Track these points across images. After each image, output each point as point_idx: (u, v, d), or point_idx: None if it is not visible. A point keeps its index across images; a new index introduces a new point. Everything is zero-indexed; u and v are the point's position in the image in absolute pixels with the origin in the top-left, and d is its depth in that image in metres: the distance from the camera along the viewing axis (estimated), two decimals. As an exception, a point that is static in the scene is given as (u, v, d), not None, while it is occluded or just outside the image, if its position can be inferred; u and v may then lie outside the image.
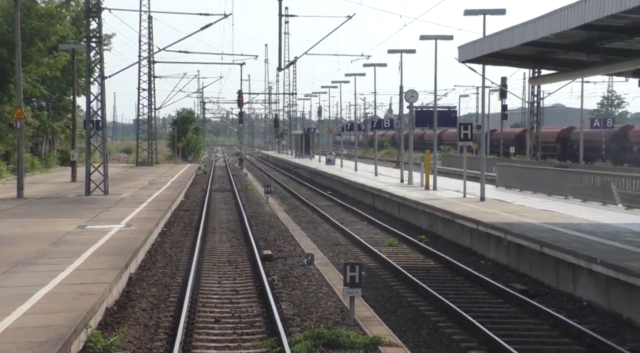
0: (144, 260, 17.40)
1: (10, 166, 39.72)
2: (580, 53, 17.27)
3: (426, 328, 12.54)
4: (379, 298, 14.77)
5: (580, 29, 14.60)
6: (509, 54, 19.22)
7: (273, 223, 25.99)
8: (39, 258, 14.21)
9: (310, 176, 54.51)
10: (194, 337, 11.60)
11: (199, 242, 20.62)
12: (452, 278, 16.84)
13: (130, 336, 11.19)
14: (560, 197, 25.92)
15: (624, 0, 12.40)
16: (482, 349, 11.24)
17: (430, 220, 24.62)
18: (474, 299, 14.60)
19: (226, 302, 14.07)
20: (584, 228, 17.65)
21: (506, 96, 63.03)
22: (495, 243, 18.74)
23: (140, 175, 44.90)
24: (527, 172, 30.31)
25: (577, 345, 11.42)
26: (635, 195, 22.45)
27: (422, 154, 34.33)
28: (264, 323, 12.40)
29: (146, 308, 13.18)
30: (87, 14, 28.35)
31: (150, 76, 60.53)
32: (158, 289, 14.86)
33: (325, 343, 10.77)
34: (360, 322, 11.92)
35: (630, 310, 12.51)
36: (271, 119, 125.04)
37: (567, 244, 15.10)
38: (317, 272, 16.53)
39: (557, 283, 15.22)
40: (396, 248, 21.07)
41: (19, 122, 27.47)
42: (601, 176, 24.58)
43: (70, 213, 22.64)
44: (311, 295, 14.18)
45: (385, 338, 10.90)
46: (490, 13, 24.69)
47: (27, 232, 18.13)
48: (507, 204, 24.25)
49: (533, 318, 13.02)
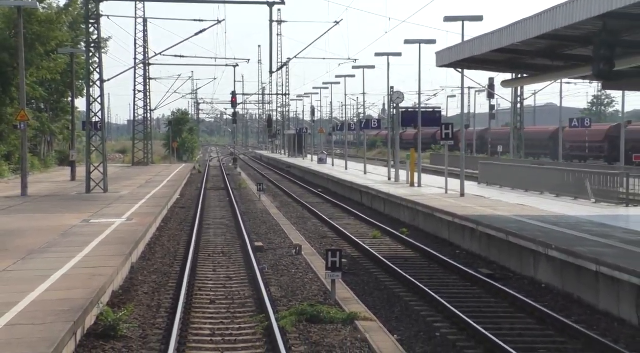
0: (144, 252, 18.86)
1: (12, 166, 41.10)
2: (545, 59, 18.80)
3: (399, 307, 14.06)
4: (359, 283, 16.27)
5: (539, 39, 16.12)
6: (482, 59, 20.73)
7: (265, 218, 27.44)
8: (51, 247, 15.71)
9: (302, 175, 56.01)
10: (192, 315, 13.06)
11: (194, 235, 22.04)
12: (428, 265, 18.36)
13: (136, 314, 12.65)
14: (537, 193, 27.44)
15: (573, 13, 13.92)
16: (445, 322, 12.76)
17: (412, 214, 26.14)
18: (445, 283, 16.11)
19: (220, 287, 15.52)
20: (548, 219, 19.19)
21: (494, 97, 64.69)
22: (469, 234, 20.27)
23: (136, 175, 46.35)
24: (506, 170, 31.85)
25: (529, 318, 12.95)
26: (607, 190, 23.97)
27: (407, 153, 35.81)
28: (254, 303, 13.86)
29: (148, 292, 14.63)
30: (86, 21, 29.75)
31: (146, 78, 61.98)
32: (158, 276, 16.30)
33: (308, 318, 12.24)
34: (341, 301, 13.38)
35: (580, 289, 14.04)
36: (265, 119, 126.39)
37: (529, 233, 16.64)
38: (304, 261, 18.00)
39: (521, 269, 16.75)
40: (379, 240, 22.58)
41: (23, 123, 28.88)
42: (573, 173, 26.14)
43: (74, 209, 24.11)
44: (298, 281, 15.65)
45: (361, 314, 12.38)
46: (468, 19, 26.17)
47: (36, 225, 19.61)
48: (485, 199, 25.78)
49: (495, 298, 14.55)
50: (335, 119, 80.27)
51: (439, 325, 12.67)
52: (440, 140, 28.89)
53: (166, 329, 11.83)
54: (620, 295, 12.63)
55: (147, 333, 11.62)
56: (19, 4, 28.60)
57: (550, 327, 12.25)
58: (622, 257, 13.32)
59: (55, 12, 39.40)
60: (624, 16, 13.34)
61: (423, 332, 12.29)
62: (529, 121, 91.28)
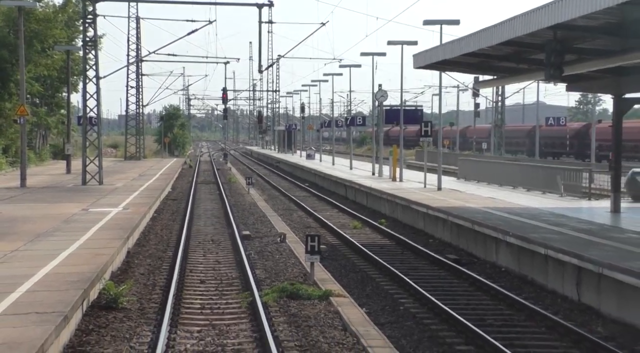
0: (139, 239, 20.34)
1: (9, 159, 42.48)
2: (510, 62, 20.38)
3: (370, 286, 15.62)
4: (336, 266, 17.82)
5: (503, 45, 17.68)
6: (455, 62, 22.25)
7: (253, 210, 28.94)
8: (55, 232, 17.21)
9: (291, 170, 57.54)
10: (184, 292, 14.56)
11: (186, 225, 23.52)
12: (401, 252, 19.93)
13: (134, 290, 14.14)
14: (510, 188, 29.05)
15: (529, 23, 15.48)
16: (410, 299, 14.33)
17: (392, 207, 27.72)
18: (415, 267, 17.69)
19: (210, 269, 17.03)
20: (514, 211, 20.79)
21: (479, 95, 66.32)
22: (441, 224, 21.86)
23: (129, 169, 47.78)
24: (482, 166, 33.46)
25: (484, 296, 14.54)
26: (574, 185, 25.57)
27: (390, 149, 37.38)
28: (240, 283, 15.38)
29: (144, 273, 16.12)
30: (83, 21, 31.18)
31: (138, 75, 63.38)
32: (153, 260, 17.80)
33: (288, 295, 13.77)
34: (318, 281, 14.91)
35: (532, 271, 15.64)
36: (255, 115, 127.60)
37: (492, 222, 18.24)
38: (287, 247, 19.52)
39: (485, 255, 18.35)
40: (359, 230, 24.13)
41: (22, 118, 30.29)
42: (543, 169, 27.76)
43: (72, 199, 25.58)
44: (281, 264, 17.18)
45: (336, 291, 13.91)
46: (446, 23, 27.74)
47: (39, 213, 21.09)
48: (460, 193, 27.37)
49: (457, 279, 16.14)
50: (324, 115, 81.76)
51: (403, 301, 14.25)
52: (420, 137, 30.41)
53: (161, 303, 13.32)
54: (564, 276, 14.23)
55: (144, 306, 13.12)
56: (19, 4, 29.98)
57: (502, 303, 13.84)
58: (569, 242, 14.91)
59: (53, 11, 40.84)
60: (571, 27, 14.91)
61: (389, 306, 13.87)
62: (517, 118, 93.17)
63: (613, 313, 12.51)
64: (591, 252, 13.69)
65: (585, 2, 12.79)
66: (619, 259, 12.81)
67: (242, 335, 11.46)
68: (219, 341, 11.10)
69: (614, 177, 20.23)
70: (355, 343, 10.82)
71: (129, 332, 11.30)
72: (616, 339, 11.27)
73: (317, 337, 11.20)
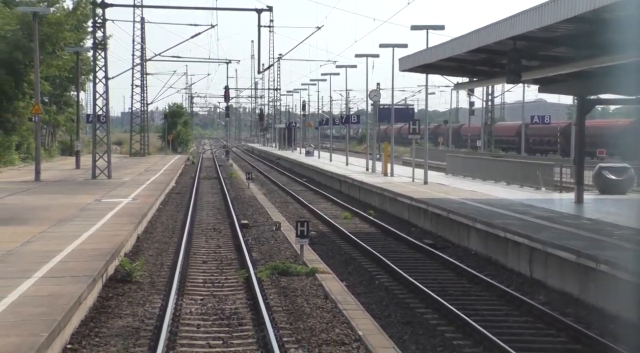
0: (146, 227, 22.41)
1: (21, 155, 44.66)
2: (485, 66, 22.45)
3: (352, 266, 17.73)
4: (324, 250, 19.91)
5: (476, 51, 19.76)
6: (437, 65, 24.32)
7: (252, 203, 31.02)
8: (74, 218, 19.35)
9: (290, 166, 59.65)
10: (189, 270, 16.64)
11: (190, 215, 25.61)
12: (384, 239, 22.02)
13: (144, 268, 16.24)
14: (492, 182, 31.11)
15: (496, 33, 17.55)
16: (386, 275, 16.43)
17: (381, 199, 29.81)
18: (395, 251, 19.78)
19: (212, 252, 19.09)
20: (488, 202, 22.87)
21: (473, 94, 68.36)
22: (423, 214, 23.94)
23: (135, 164, 49.92)
24: (468, 162, 35.56)
25: (451, 273, 16.64)
26: (549, 179, 27.63)
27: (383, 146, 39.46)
28: (238, 263, 17.44)
29: (153, 255, 18.19)
30: (94, 25, 33.31)
31: (143, 75, 65.55)
32: (160, 245, 19.86)
33: (279, 272, 15.84)
34: (307, 262, 16.95)
35: (496, 253, 17.72)
36: (257, 113, 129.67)
37: (464, 211, 20.32)
38: (282, 234, 21.59)
39: (458, 240, 20.43)
40: (349, 220, 26.22)
41: (37, 116, 32.42)
42: (521, 164, 29.83)
43: (85, 191, 27.72)
44: (275, 248, 19.25)
45: (321, 269, 15.98)
46: (432, 28, 29.78)
47: (57, 203, 23.22)
48: (444, 186, 29.44)
49: (430, 260, 18.23)
50: (323, 112, 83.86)
51: (379, 276, 16.35)
52: (408, 135, 32.48)
53: (169, 278, 15.40)
54: (520, 255, 16.31)
55: (155, 280, 15.21)
56: (34, 10, 32.09)
57: (464, 278, 15.93)
58: (525, 227, 16.99)
59: (64, 15, 42.99)
60: (530, 38, 16.97)
61: (366, 280, 15.98)
62: (518, 116, 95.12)
63: (556, 285, 14.59)
64: (542, 234, 15.77)
65: (533, 19, 14.87)
66: (563, 239, 14.89)
67: (238, 302, 13.54)
68: (218, 306, 13.18)
69: (577, 171, 22.29)
70: (333, 308, 12.89)
71: (143, 299, 13.39)
72: (552, 304, 13.35)
73: (302, 303, 13.28)
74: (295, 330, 11.42)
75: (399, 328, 12.24)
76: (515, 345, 10.77)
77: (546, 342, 11.46)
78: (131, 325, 11.61)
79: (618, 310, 12.21)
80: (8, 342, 7.98)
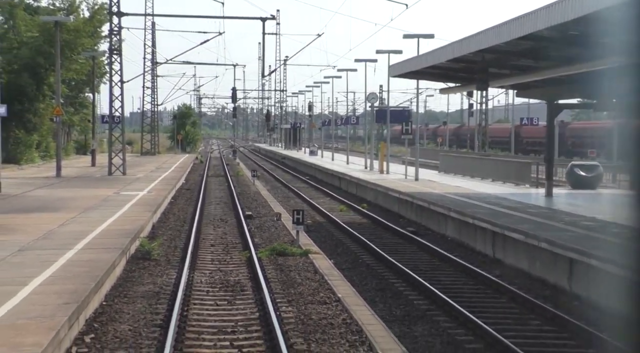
0: (160, 217, 25.04)
1: (40, 153, 47.45)
2: (464, 73, 25.01)
3: (341, 248, 20.31)
4: (318, 236, 22.48)
5: (454, 61, 22.31)
6: (424, 72, 26.89)
7: (256, 198, 33.60)
8: (98, 207, 22.00)
9: (295, 165, 62.27)
10: (199, 251, 19.23)
11: (199, 207, 28.21)
12: (373, 227, 24.58)
13: (160, 250, 18.84)
14: (479, 178, 33.61)
15: (468, 46, 20.09)
16: (368, 255, 19.00)
17: (375, 194, 32.37)
18: (380, 237, 22.34)
19: (219, 238, 21.68)
20: (467, 195, 25.40)
21: (472, 95, 70.80)
22: (410, 206, 26.48)
23: (147, 162, 52.62)
24: (459, 160, 38.08)
25: (425, 254, 19.21)
26: (528, 175, 30.09)
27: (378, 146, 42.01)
28: (242, 246, 20.02)
29: (167, 239, 20.79)
30: (110, 33, 36.02)
31: (154, 77, 68.39)
32: (173, 232, 22.45)
33: (277, 253, 18.40)
34: (302, 245, 19.50)
35: (467, 238, 20.26)
36: (264, 114, 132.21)
37: (442, 202, 22.86)
38: (282, 224, 24.16)
39: (438, 228, 22.97)
40: (344, 213, 28.79)
41: (58, 117, 35.11)
42: (505, 162, 32.34)
43: (104, 185, 30.39)
44: (274, 235, 21.82)
45: (313, 250, 18.54)
46: (422, 37, 32.21)
47: (81, 195, 25.87)
48: (434, 183, 31.97)
49: (409, 244, 20.79)
50: (329, 112, 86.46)
51: (363, 256, 18.93)
52: (401, 135, 35.03)
53: (182, 257, 17.98)
54: (485, 239, 18.85)
55: (170, 258, 17.79)
56: (56, 19, 34.79)
57: (436, 258, 18.49)
58: (491, 215, 19.53)
59: (82, 22, 45.79)
60: (496, 51, 19.52)
61: (352, 259, 18.56)
62: (523, 117, 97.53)
63: (512, 262, 17.12)
64: (502, 220, 18.30)
65: (494, 36, 17.42)
66: (517, 224, 17.43)
67: (241, 275, 16.11)
68: (224, 278, 15.75)
69: (547, 168, 24.77)
70: (320, 279, 15.44)
71: (161, 272, 15.98)
72: (503, 277, 15.89)
73: (295, 276, 15.84)
74: (287, 294, 13.98)
75: (372, 293, 14.81)
76: (464, 304, 13.30)
77: (491, 302, 13.99)
78: (152, 290, 14.20)
79: (555, 281, 14.75)
80: (66, 288, 10.59)
